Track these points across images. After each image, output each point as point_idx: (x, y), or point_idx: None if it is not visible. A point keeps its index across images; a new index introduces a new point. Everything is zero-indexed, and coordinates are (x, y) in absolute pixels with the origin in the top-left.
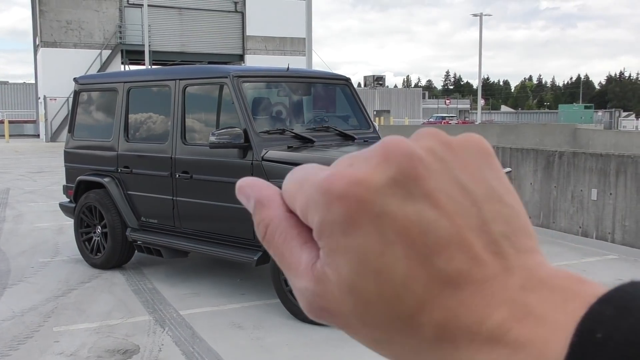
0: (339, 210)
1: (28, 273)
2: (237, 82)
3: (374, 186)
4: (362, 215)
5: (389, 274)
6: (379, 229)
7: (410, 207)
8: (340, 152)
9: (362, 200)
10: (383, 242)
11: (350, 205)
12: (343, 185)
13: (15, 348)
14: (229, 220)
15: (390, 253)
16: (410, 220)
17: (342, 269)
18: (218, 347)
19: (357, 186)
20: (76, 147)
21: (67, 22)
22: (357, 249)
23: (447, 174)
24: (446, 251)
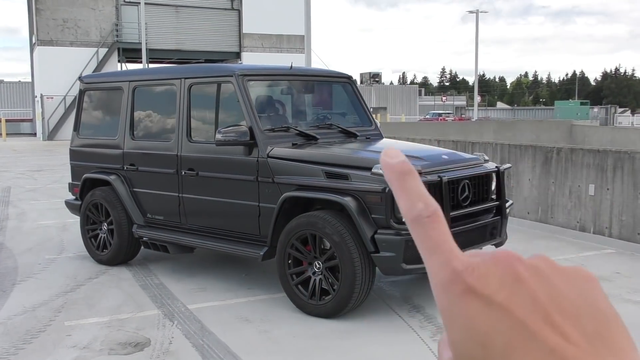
0: (456, 293)
1: (36, 269)
2: (242, 81)
3: (486, 280)
4: (472, 299)
5: (491, 343)
6: (485, 310)
7: (514, 297)
8: (343, 149)
9: (474, 290)
10: (487, 319)
11: (465, 291)
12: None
13: (29, 342)
14: (235, 216)
15: (492, 328)
16: (513, 305)
17: (455, 341)
18: (227, 339)
19: (474, 281)
20: (82, 145)
21: (64, 20)
22: (466, 323)
23: (546, 281)
24: (542, 330)
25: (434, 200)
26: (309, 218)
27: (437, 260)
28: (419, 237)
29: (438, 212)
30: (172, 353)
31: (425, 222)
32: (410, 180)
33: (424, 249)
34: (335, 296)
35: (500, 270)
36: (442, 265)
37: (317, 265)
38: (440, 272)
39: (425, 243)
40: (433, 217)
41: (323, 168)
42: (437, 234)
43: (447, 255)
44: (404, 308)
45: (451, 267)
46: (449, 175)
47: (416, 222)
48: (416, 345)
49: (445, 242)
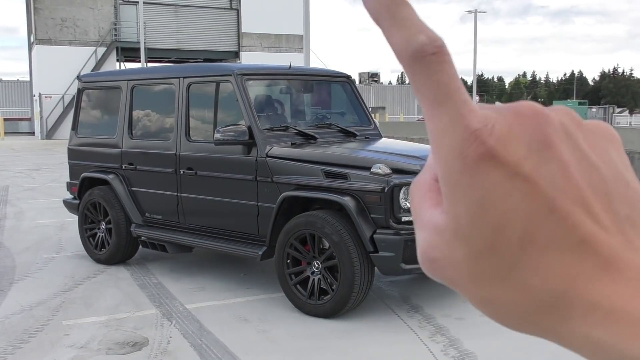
0: (472, 158)
1: (33, 269)
2: (241, 80)
3: (510, 144)
4: (492, 167)
5: (508, 225)
6: (506, 182)
7: (543, 169)
8: (342, 149)
9: (495, 155)
10: (508, 195)
11: (484, 156)
12: (482, 141)
13: (26, 341)
14: (234, 216)
15: (513, 205)
16: (541, 179)
17: (460, 216)
18: (225, 339)
19: (495, 143)
20: (80, 145)
21: (62, 19)
22: (480, 197)
23: (577, 148)
24: (573, 214)
25: (438, 34)
26: (307, 218)
27: (446, 114)
28: (421, 81)
29: (445, 48)
30: (170, 353)
31: (429, 61)
32: (405, 9)
33: (428, 97)
34: (334, 296)
35: (528, 131)
36: (454, 120)
37: (315, 265)
38: (450, 130)
39: (431, 90)
40: (439, 54)
41: (322, 168)
42: (447, 78)
43: (460, 107)
44: (402, 308)
45: (465, 123)
46: None
47: (417, 60)
48: (415, 345)
49: (457, 90)
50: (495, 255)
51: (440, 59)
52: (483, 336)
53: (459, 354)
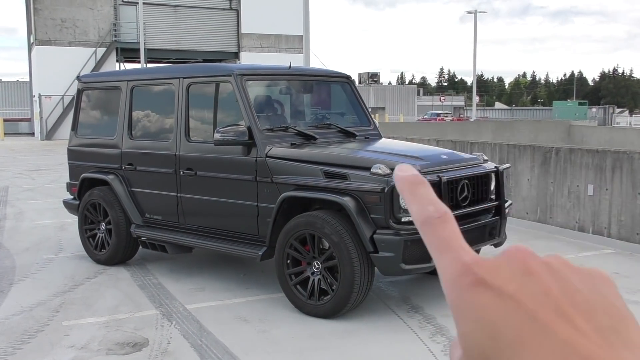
0: (465, 285)
1: (33, 269)
2: (240, 80)
3: (496, 273)
4: (482, 291)
5: (501, 334)
6: (495, 301)
7: (525, 289)
8: (342, 149)
9: (484, 282)
10: (497, 310)
11: (475, 283)
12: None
13: (26, 342)
14: (234, 216)
15: (502, 318)
16: (523, 296)
17: (464, 333)
18: (225, 339)
19: (484, 273)
20: (80, 145)
21: (62, 20)
22: (476, 315)
23: (560, 277)
24: (554, 322)
25: (444, 205)
26: (307, 218)
27: (447, 257)
28: (429, 237)
29: (448, 213)
30: (171, 353)
31: (435, 223)
32: (422, 188)
33: (435, 248)
34: (334, 296)
35: (512, 264)
36: (452, 260)
37: (315, 266)
38: (450, 267)
39: (436, 242)
40: (443, 217)
41: (322, 168)
42: (448, 233)
43: (458, 251)
44: (402, 308)
45: (461, 261)
46: (448, 175)
47: (426, 223)
48: (415, 345)
49: (456, 239)
50: (495, 359)
51: (443, 221)
52: None
53: None
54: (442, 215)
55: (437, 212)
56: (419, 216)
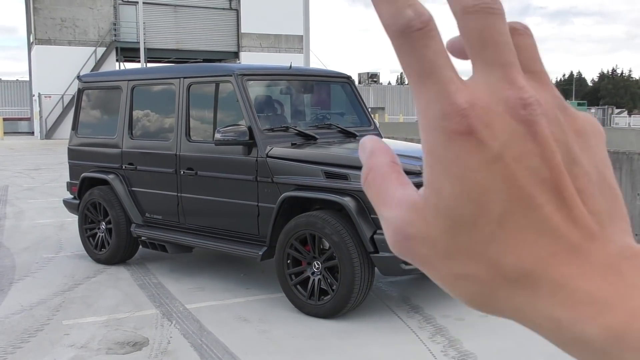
0: (454, 133)
1: (33, 268)
2: (241, 80)
3: (493, 127)
4: (474, 147)
5: (489, 203)
6: (487, 165)
7: (524, 160)
8: (342, 149)
9: (477, 135)
10: (488, 176)
11: (465, 133)
12: (467, 112)
13: (26, 340)
14: (234, 216)
15: (493, 186)
16: (520, 170)
17: (443, 189)
18: (225, 339)
19: (478, 123)
20: (80, 145)
21: (62, 19)
22: (462, 174)
23: (563, 142)
24: (548, 205)
25: (426, 9)
26: (308, 218)
27: (431, 89)
28: (407, 56)
29: (432, 23)
30: (171, 353)
31: (415, 37)
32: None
33: (414, 74)
34: (334, 296)
35: (515, 119)
36: (439, 94)
37: (316, 266)
38: (434, 104)
39: (416, 66)
40: (426, 29)
41: (322, 168)
42: (433, 53)
43: (447, 83)
44: (402, 308)
45: (450, 100)
46: None
47: (403, 36)
48: (415, 345)
49: (444, 65)
50: (476, 229)
51: (425, 35)
52: (482, 336)
53: (459, 355)
54: (425, 26)
55: (418, 20)
56: (393, 23)
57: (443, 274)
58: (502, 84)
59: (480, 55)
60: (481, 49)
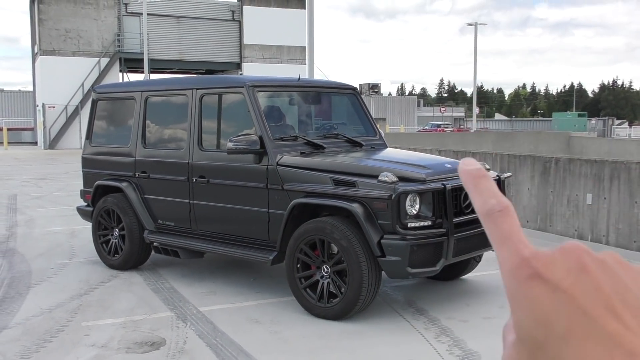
0: (523, 277)
1: (49, 274)
2: (252, 92)
3: (552, 268)
4: (538, 284)
5: (554, 324)
6: (550, 294)
7: (579, 285)
8: (350, 158)
9: (540, 276)
10: (552, 302)
11: (532, 276)
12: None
13: (49, 341)
14: (245, 222)
15: (556, 309)
16: (576, 292)
17: (520, 322)
18: (239, 339)
19: (541, 267)
20: (94, 153)
21: (66, 30)
22: (531, 305)
23: (613, 274)
24: (603, 317)
25: (506, 198)
26: (317, 224)
27: (507, 249)
28: (491, 229)
29: (510, 207)
30: (188, 352)
31: (496, 216)
32: (484, 182)
33: (495, 240)
34: (343, 299)
35: (567, 260)
36: (511, 252)
37: (325, 269)
38: (509, 259)
39: (497, 235)
40: (505, 211)
41: (331, 176)
42: (508, 226)
43: (517, 244)
44: (408, 311)
45: (520, 254)
46: (452, 183)
47: (488, 216)
48: (421, 345)
49: (516, 233)
50: (547, 347)
51: (504, 214)
52: (486, 337)
53: (463, 353)
54: (503, 209)
55: (499, 205)
56: (482, 209)
57: None
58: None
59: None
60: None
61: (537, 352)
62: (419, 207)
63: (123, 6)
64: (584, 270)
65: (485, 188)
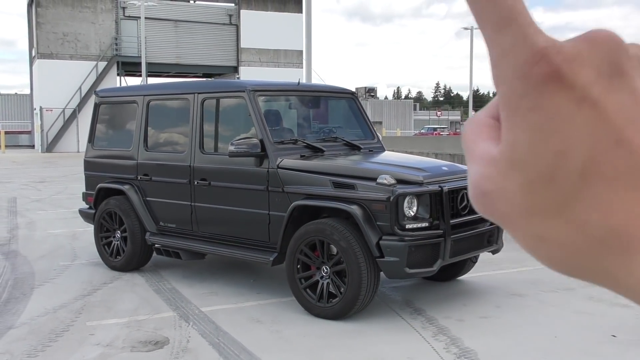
0: (536, 78)
1: (52, 275)
2: (253, 96)
3: (578, 65)
4: (557, 89)
5: (571, 153)
6: (572, 106)
7: (613, 96)
8: (349, 160)
9: (561, 76)
10: (573, 120)
11: (549, 77)
12: (551, 58)
13: (54, 340)
14: (246, 224)
15: (577, 132)
16: (610, 106)
17: (519, 142)
18: (241, 338)
19: (563, 64)
20: (96, 157)
21: (64, 34)
22: (542, 121)
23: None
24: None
25: None
26: (317, 225)
27: (510, 35)
28: (482, 5)
29: None
30: (191, 350)
31: None
32: None
33: (490, 21)
34: (342, 299)
35: (599, 55)
36: (519, 40)
37: (324, 270)
38: (514, 50)
39: (493, 13)
40: None
41: (331, 178)
42: (511, 0)
43: (525, 27)
44: (406, 311)
45: (532, 42)
46: (449, 185)
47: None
48: (419, 343)
49: (522, 11)
50: (554, 185)
51: None
52: (482, 336)
53: (460, 351)
54: None
55: None
56: None
57: (523, 234)
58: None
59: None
60: None
61: (539, 188)
62: (417, 209)
63: (121, 10)
64: (621, 72)
65: None
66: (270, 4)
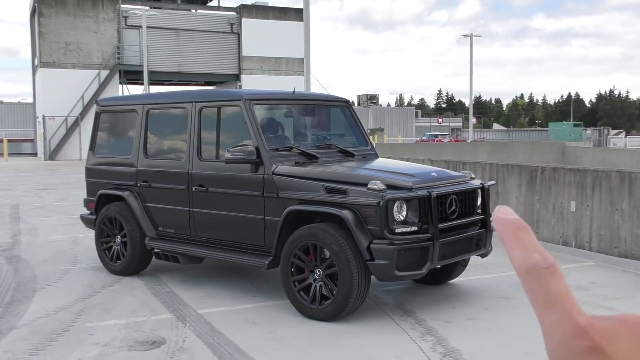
0: (580, 350)
1: (53, 279)
2: (249, 105)
3: (615, 342)
4: (599, 356)
5: None
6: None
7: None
8: (342, 167)
9: (602, 351)
10: None
11: (591, 350)
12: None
13: (55, 340)
14: (242, 229)
15: None
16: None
17: None
18: (236, 339)
19: (602, 340)
20: (97, 164)
21: (66, 43)
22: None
23: None
24: None
25: (551, 254)
26: (310, 229)
27: (557, 313)
28: (534, 289)
29: (557, 265)
30: (187, 350)
31: (542, 274)
32: (526, 234)
33: (540, 301)
34: (334, 301)
35: (631, 334)
36: (564, 318)
37: (317, 273)
38: (560, 326)
39: (543, 295)
40: (552, 268)
41: (323, 184)
42: (557, 286)
43: (569, 308)
44: (396, 313)
45: (575, 321)
46: (438, 190)
47: (532, 273)
48: (407, 344)
49: (567, 295)
50: None
51: (552, 272)
52: (468, 336)
53: (445, 351)
54: (550, 266)
55: (544, 262)
56: (524, 263)
57: None
58: (617, 315)
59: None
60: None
61: None
62: (406, 214)
63: (123, 19)
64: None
65: (528, 241)
66: (271, 13)
